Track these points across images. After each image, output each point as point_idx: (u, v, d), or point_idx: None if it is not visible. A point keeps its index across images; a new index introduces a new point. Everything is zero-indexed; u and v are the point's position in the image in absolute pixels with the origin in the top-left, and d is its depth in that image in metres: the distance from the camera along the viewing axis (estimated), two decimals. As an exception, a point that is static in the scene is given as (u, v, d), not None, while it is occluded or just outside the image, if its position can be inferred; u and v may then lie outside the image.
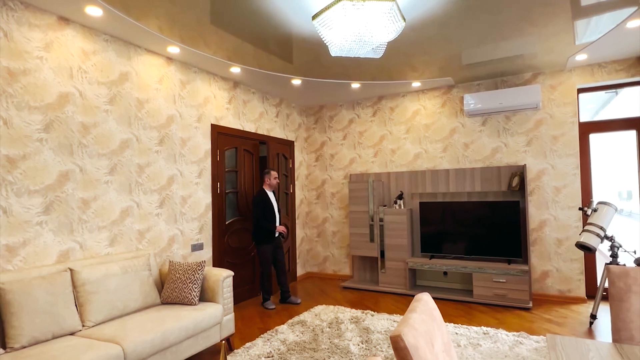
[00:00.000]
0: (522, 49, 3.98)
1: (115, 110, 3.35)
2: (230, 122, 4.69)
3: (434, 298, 4.70)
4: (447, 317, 3.96)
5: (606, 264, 3.62)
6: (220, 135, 4.52)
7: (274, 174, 4.57)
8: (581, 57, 4.15)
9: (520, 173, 4.54)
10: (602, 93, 5.13)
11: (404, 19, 2.74)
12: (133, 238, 3.45)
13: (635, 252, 3.56)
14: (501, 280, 4.31)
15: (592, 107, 5.67)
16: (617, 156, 4.89)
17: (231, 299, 3.26)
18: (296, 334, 3.52)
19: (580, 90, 4.61)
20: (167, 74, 3.87)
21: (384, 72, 4.63)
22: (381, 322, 3.76)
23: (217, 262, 4.36)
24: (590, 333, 3.48)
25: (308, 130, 6.23)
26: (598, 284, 4.53)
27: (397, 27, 2.74)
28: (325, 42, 2.91)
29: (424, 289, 4.92)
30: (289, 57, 4.09)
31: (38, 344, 2.32)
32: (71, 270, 2.72)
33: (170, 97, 3.89)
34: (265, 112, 5.32)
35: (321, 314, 4.06)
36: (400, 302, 4.56)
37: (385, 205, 5.39)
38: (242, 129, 4.86)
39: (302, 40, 3.59)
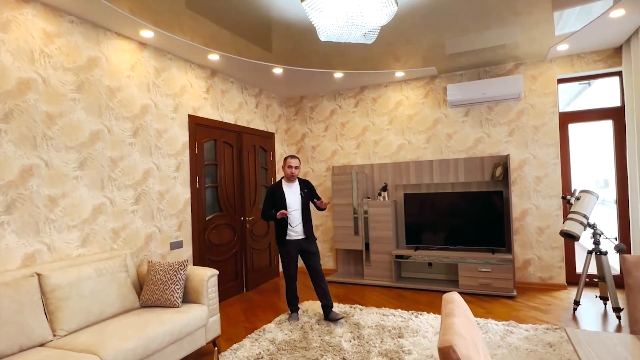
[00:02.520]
0: (504, 39, 3.97)
1: (84, 99, 3.07)
2: (209, 112, 4.46)
3: (419, 290, 4.69)
4: (435, 309, 3.94)
5: (589, 251, 3.69)
6: (198, 127, 4.28)
7: (288, 161, 3.71)
8: (562, 47, 4.19)
9: (503, 163, 4.56)
10: (575, 84, 5.24)
11: (397, 3, 2.63)
12: (107, 237, 3.20)
13: (616, 239, 3.65)
14: (486, 270, 4.34)
15: (566, 98, 5.80)
16: (595, 145, 5.02)
17: (216, 300, 3.08)
18: (285, 332, 3.39)
19: (560, 81, 4.67)
20: (140, 60, 3.60)
21: (367, 62, 4.52)
22: (371, 317, 3.69)
23: (198, 259, 4.16)
24: (574, 319, 3.54)
25: (288, 122, 6.05)
26: (580, 270, 4.65)
27: (389, 11, 2.62)
28: (314, 26, 2.75)
29: (409, 280, 4.90)
30: (267, 46, 3.90)
31: (3, 359, 2.08)
32: (39, 274, 2.47)
33: (144, 86, 3.62)
34: (245, 102, 5.10)
35: (309, 310, 3.95)
36: (386, 295, 4.51)
37: (369, 198, 5.32)
38: (220, 120, 4.63)
39: (282, 27, 3.41)
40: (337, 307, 4.01)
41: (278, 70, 4.63)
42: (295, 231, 3.69)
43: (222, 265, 4.52)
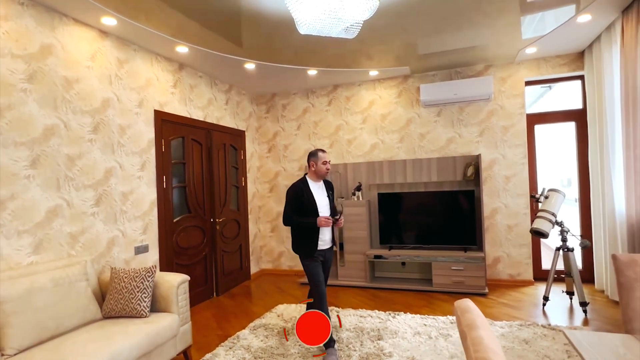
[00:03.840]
0: (475, 41, 4.03)
1: (37, 90, 2.77)
2: (176, 108, 4.21)
3: (393, 289, 4.68)
4: (412, 308, 3.93)
5: (557, 248, 3.81)
6: (165, 123, 4.03)
7: (322, 156, 3.04)
8: (531, 50, 4.31)
9: (475, 163, 4.64)
10: (537, 87, 5.44)
11: (379, -2, 2.56)
12: (64, 242, 2.91)
13: (582, 236, 3.79)
14: (459, 268, 4.39)
15: (528, 101, 6.02)
16: (559, 146, 5.23)
17: (187, 307, 2.89)
18: (260, 338, 3.25)
19: (527, 83, 4.81)
20: (101, 49, 3.32)
21: (340, 60, 4.45)
22: (348, 319, 3.61)
23: (165, 264, 3.91)
24: (544, 314, 3.64)
25: (259, 120, 5.87)
26: (547, 267, 4.81)
27: (371, 5, 2.55)
28: (293, 19, 2.63)
29: (383, 280, 4.88)
30: (237, 40, 3.73)
31: (-60, 386, 1.81)
32: (-17, 286, 2.18)
33: (105, 77, 3.34)
34: (214, 98, 4.88)
35: (284, 314, 3.82)
36: (361, 296, 4.46)
37: (343, 197, 5.26)
38: (189, 116, 4.39)
39: (252, 21, 3.26)
40: (313, 310, 3.90)
41: (250, 66, 4.46)
42: (323, 240, 3.02)
43: (191, 269, 4.29)
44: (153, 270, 2.77)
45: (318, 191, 3.07)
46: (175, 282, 2.81)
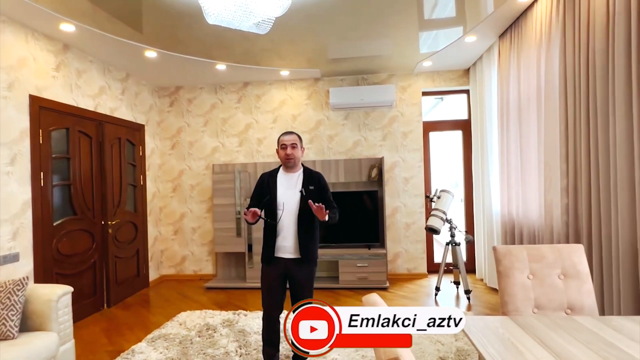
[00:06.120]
0: (379, 50, 4.30)
1: None
2: (59, 94, 3.66)
3: (302, 288, 4.72)
4: (319, 306, 4.00)
5: (446, 243, 4.23)
6: (45, 111, 3.48)
7: (281, 139, 2.50)
8: (427, 63, 4.74)
9: (378, 165, 4.93)
10: (431, 98, 6.04)
11: (291, -4, 2.55)
12: None
13: (467, 232, 4.28)
14: (363, 265, 4.61)
15: (424, 109, 6.64)
16: (448, 151, 5.84)
17: (70, 323, 2.52)
18: (160, 350, 2.98)
19: (423, 94, 5.27)
20: (-45, 16, 2.72)
21: (250, 57, 4.36)
22: (257, 322, 3.53)
23: (42, 275, 3.37)
24: (437, 303, 4.02)
25: (161, 114, 5.44)
26: (439, 260, 5.32)
27: (284, 3, 2.53)
28: (201, 7, 2.48)
29: (292, 280, 4.89)
30: (137, 24, 3.41)
31: None
32: None
33: (-40, 51, 2.75)
34: (108, 86, 4.37)
35: (187, 322, 3.57)
36: (270, 297, 4.40)
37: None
38: (75, 105, 3.86)
39: (155, 5, 3.02)
40: (220, 316, 3.73)
41: (151, 54, 4.10)
42: (283, 245, 2.46)
43: (76, 279, 3.76)
44: (24, 283, 2.35)
45: (286, 183, 2.49)
46: (54, 295, 2.43)
